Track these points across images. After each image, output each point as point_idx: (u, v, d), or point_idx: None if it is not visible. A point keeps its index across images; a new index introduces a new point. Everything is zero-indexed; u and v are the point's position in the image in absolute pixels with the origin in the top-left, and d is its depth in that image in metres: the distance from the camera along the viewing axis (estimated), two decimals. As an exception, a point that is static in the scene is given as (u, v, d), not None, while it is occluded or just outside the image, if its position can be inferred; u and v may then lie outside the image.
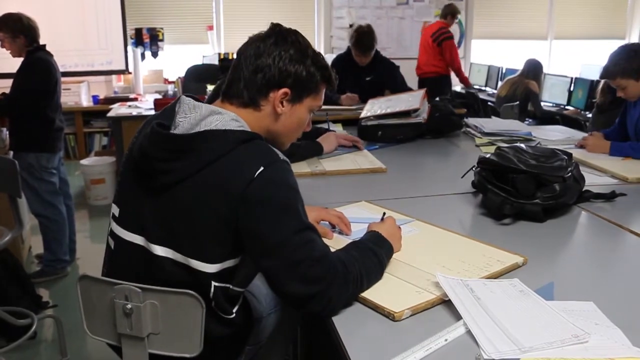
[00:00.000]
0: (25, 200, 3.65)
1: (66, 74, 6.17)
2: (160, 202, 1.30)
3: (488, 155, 2.03)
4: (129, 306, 1.31)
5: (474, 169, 2.07)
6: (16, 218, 2.71)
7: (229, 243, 1.27)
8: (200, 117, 1.29)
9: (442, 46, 6.34)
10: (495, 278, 1.42)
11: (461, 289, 1.30)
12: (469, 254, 1.54)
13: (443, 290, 1.29)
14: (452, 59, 6.37)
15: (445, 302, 1.29)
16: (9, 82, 3.53)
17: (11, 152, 3.58)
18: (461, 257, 1.52)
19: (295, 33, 1.42)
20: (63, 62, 6.15)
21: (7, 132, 3.66)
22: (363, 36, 4.09)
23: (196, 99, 1.37)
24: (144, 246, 1.34)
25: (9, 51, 3.53)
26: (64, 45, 6.25)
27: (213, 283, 1.28)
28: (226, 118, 1.30)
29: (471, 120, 3.36)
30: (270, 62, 1.36)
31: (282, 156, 1.30)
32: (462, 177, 2.15)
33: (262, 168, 1.23)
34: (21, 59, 3.54)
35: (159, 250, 1.30)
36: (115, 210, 1.44)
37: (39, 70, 3.51)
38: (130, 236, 1.37)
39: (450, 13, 6.48)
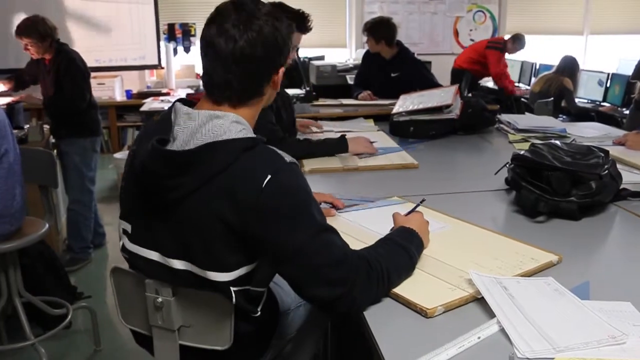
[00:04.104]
0: (60, 190, 3.76)
1: (100, 68, 6.32)
2: (171, 216, 1.27)
3: (522, 152, 2.00)
4: (160, 300, 1.33)
5: (507, 165, 2.05)
6: (47, 208, 2.77)
7: (243, 252, 1.25)
8: (198, 124, 1.23)
9: (485, 52, 6.33)
10: (529, 276, 1.40)
11: (494, 286, 1.28)
12: (502, 252, 1.53)
13: (476, 287, 1.28)
14: (496, 67, 6.36)
15: (478, 300, 1.27)
16: None
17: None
18: (494, 254, 1.51)
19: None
20: (97, 57, 6.31)
21: (41, 123, 3.77)
22: (375, 24, 4.10)
23: (192, 103, 1.34)
24: (161, 262, 1.31)
25: (31, 53, 3.63)
26: (98, 41, 6.38)
27: (232, 288, 1.27)
28: (227, 122, 1.25)
29: (504, 117, 3.32)
30: (262, 54, 1.28)
31: (288, 158, 1.27)
32: (495, 174, 2.12)
33: (269, 176, 1.20)
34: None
35: (178, 264, 1.29)
36: (126, 226, 1.39)
37: (79, 62, 3.67)
38: (145, 252, 1.35)
39: (516, 38, 6.50)
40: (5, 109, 3.69)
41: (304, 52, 5.39)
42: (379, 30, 4.08)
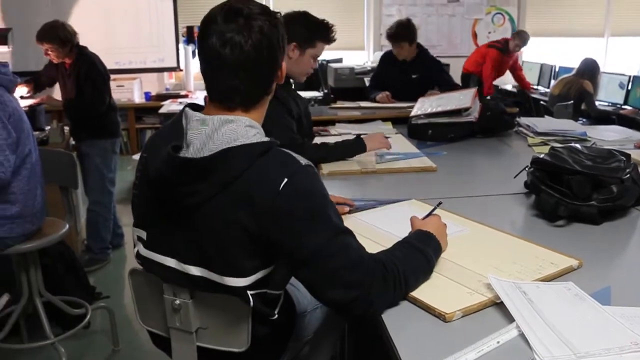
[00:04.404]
0: (79, 191, 3.80)
1: (120, 71, 6.38)
2: (187, 223, 1.27)
3: (542, 156, 1.98)
4: (177, 302, 1.34)
5: (527, 169, 2.03)
6: (67, 209, 2.80)
7: (260, 256, 1.25)
8: (211, 130, 1.23)
9: (485, 51, 6.41)
10: (548, 281, 1.39)
11: (514, 291, 1.27)
12: (522, 256, 1.51)
13: (495, 292, 1.27)
14: (487, 67, 6.40)
15: (497, 305, 1.26)
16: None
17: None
18: (513, 258, 1.49)
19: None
20: (117, 59, 6.37)
21: (61, 125, 3.82)
22: (395, 26, 4.09)
23: (202, 108, 1.34)
24: (177, 268, 1.31)
25: (51, 58, 3.68)
26: (118, 43, 6.44)
27: (249, 292, 1.27)
28: (240, 126, 1.25)
29: (523, 120, 3.29)
30: (267, 54, 1.27)
31: (304, 161, 1.26)
32: (514, 177, 2.11)
33: (286, 179, 1.20)
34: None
35: (194, 270, 1.29)
36: (140, 233, 1.39)
37: (100, 66, 3.72)
38: (161, 258, 1.34)
39: (517, 35, 6.52)
40: (27, 111, 3.76)
41: (322, 55, 5.38)
42: (409, 32, 4.07)
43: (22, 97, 3.98)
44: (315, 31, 2.45)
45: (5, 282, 2.77)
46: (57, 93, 3.98)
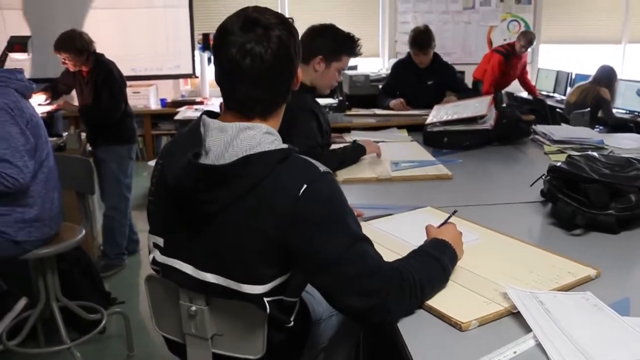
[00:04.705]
0: (96, 197, 3.84)
1: (136, 77, 6.43)
2: (206, 230, 1.27)
3: (559, 164, 1.97)
4: (194, 308, 1.34)
5: (543, 177, 2.02)
6: (83, 214, 2.83)
7: (278, 263, 1.26)
8: (231, 137, 1.24)
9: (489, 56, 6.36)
10: (566, 291, 1.37)
11: (530, 301, 1.26)
12: (538, 265, 1.50)
13: (511, 301, 1.26)
14: (490, 71, 6.34)
15: (514, 314, 1.26)
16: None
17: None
18: (530, 267, 1.48)
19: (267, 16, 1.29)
20: (133, 65, 6.43)
21: (78, 131, 3.86)
22: (419, 34, 4.09)
23: (217, 115, 1.35)
24: (193, 275, 1.32)
25: (69, 66, 3.73)
26: (134, 50, 6.50)
27: (265, 299, 1.27)
28: (259, 133, 1.25)
29: (540, 127, 3.27)
30: (286, 62, 1.29)
31: (322, 168, 1.27)
32: (531, 186, 2.10)
33: (305, 186, 1.20)
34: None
35: (210, 277, 1.29)
36: (157, 240, 1.40)
37: (116, 73, 3.76)
38: (178, 264, 1.35)
39: (522, 35, 6.42)
40: (45, 117, 3.81)
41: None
42: (432, 38, 4.07)
43: (40, 105, 4.03)
44: (342, 45, 2.48)
45: (23, 287, 2.80)
46: (74, 100, 4.02)
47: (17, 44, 3.97)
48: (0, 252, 2.37)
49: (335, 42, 2.46)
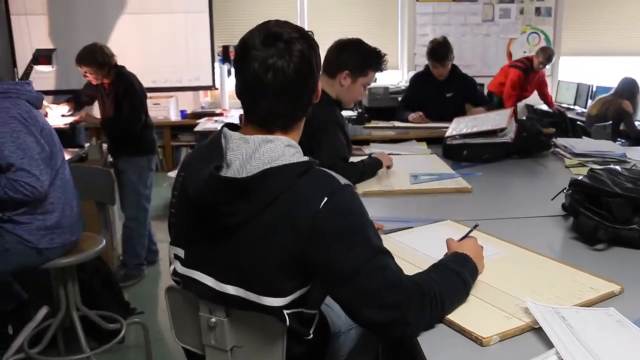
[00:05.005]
0: (116, 207, 3.87)
1: (157, 89, 6.50)
2: (227, 242, 1.28)
3: (580, 178, 1.95)
4: (213, 320, 1.35)
5: (565, 191, 2.00)
6: (103, 224, 2.86)
7: (299, 276, 1.26)
8: (252, 149, 1.24)
9: (507, 71, 6.28)
10: (588, 306, 1.36)
11: (552, 316, 1.25)
12: (560, 280, 1.49)
13: (533, 317, 1.25)
14: (509, 86, 6.26)
15: (535, 330, 1.24)
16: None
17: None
18: (551, 282, 1.47)
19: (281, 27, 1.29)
20: (154, 77, 6.50)
21: (100, 142, 3.92)
22: (437, 46, 4.08)
23: (238, 127, 1.35)
24: (214, 287, 1.32)
25: (90, 79, 3.79)
26: (155, 62, 6.58)
27: (285, 312, 1.27)
28: (280, 146, 1.26)
29: (560, 141, 3.25)
30: (307, 75, 1.30)
31: (343, 181, 1.27)
32: (552, 200, 2.08)
33: (325, 199, 1.21)
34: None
35: (231, 290, 1.29)
36: (178, 251, 1.40)
37: (137, 86, 3.80)
38: (198, 275, 1.35)
39: (541, 51, 6.33)
40: (67, 128, 3.88)
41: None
42: (451, 50, 4.07)
43: (63, 115, 4.10)
44: (368, 60, 2.49)
45: (42, 296, 2.83)
46: (96, 111, 4.08)
47: (42, 56, 4.05)
48: (23, 261, 2.41)
49: (361, 57, 2.47)
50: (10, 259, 2.38)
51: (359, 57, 2.46)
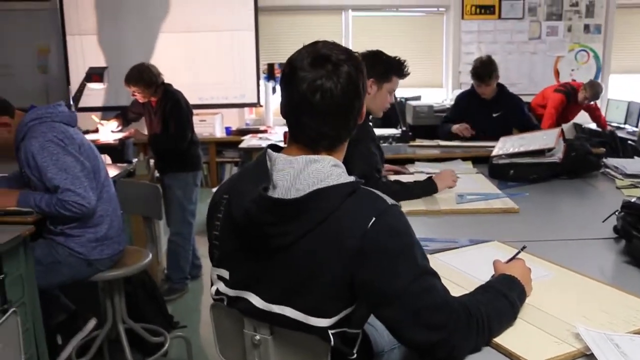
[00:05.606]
0: (162, 222, 3.95)
1: (203, 106, 6.63)
2: (274, 263, 1.27)
3: (633, 199, 1.89)
4: (257, 337, 1.35)
5: (617, 213, 1.95)
6: (149, 239, 2.91)
7: (345, 296, 1.25)
8: (298, 170, 1.25)
9: (550, 95, 6.00)
10: (643, 333, 1.31)
11: (605, 343, 1.21)
12: (613, 305, 1.44)
13: (584, 343, 1.21)
14: (547, 111, 5.84)
15: (587, 356, 1.21)
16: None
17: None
18: (604, 307, 1.42)
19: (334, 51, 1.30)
20: (201, 94, 6.64)
21: (147, 158, 4.01)
22: (480, 65, 4.03)
23: (281, 148, 1.36)
24: (259, 306, 1.31)
25: (138, 98, 3.89)
26: (202, 80, 6.71)
27: (329, 331, 1.26)
28: (326, 166, 1.26)
29: (611, 161, 3.17)
30: (354, 97, 1.30)
31: (390, 201, 1.27)
32: (603, 222, 2.02)
33: (373, 219, 1.20)
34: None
35: (277, 309, 1.29)
36: (222, 272, 1.40)
37: (184, 103, 3.89)
38: (244, 294, 1.35)
39: (589, 87, 5.93)
40: (117, 144, 3.99)
41: (400, 92, 5.40)
42: (495, 69, 4.03)
43: (112, 132, 4.22)
44: (390, 66, 2.57)
45: (89, 309, 2.89)
46: (143, 127, 4.19)
47: (95, 74, 4.18)
48: (74, 274, 2.48)
49: (383, 64, 2.55)
50: (62, 271, 2.45)
51: (381, 64, 2.54)
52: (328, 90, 1.25)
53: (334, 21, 7.23)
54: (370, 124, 2.72)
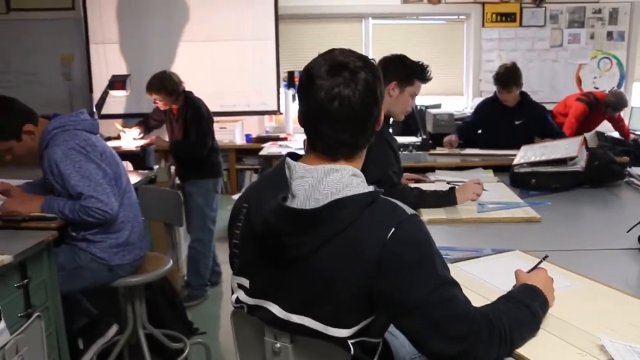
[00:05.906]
0: (182, 228, 3.98)
1: (224, 113, 6.67)
2: (293, 272, 1.27)
3: (658, 210, 1.87)
4: (278, 345, 1.35)
5: (641, 223, 1.92)
6: (170, 245, 2.93)
7: (365, 307, 1.25)
8: (317, 180, 1.25)
9: (572, 103, 5.92)
10: (669, 346, 1.29)
11: (631, 355, 1.19)
12: (638, 317, 1.42)
13: (609, 355, 1.19)
14: (570, 119, 5.77)
15: (612, 368, 1.19)
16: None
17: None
18: (629, 319, 1.40)
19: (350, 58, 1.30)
20: (222, 102, 6.68)
21: (168, 165, 4.05)
22: (504, 71, 4.02)
23: (300, 156, 1.36)
24: (279, 315, 1.31)
25: (159, 106, 3.95)
26: (224, 87, 6.76)
27: (349, 341, 1.26)
28: (346, 175, 1.26)
29: (635, 170, 3.13)
30: (372, 104, 1.30)
31: (409, 211, 1.26)
32: (627, 232, 2.00)
33: (393, 229, 1.20)
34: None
35: (296, 319, 1.29)
36: (242, 281, 1.40)
37: (204, 111, 3.94)
38: (264, 303, 1.35)
39: (614, 97, 5.88)
40: (138, 151, 4.03)
41: (420, 100, 5.39)
42: (519, 76, 4.01)
43: (134, 139, 4.26)
44: (413, 69, 2.59)
45: (112, 314, 2.92)
46: (164, 134, 4.23)
47: (118, 82, 4.23)
48: (96, 279, 2.50)
49: (406, 67, 2.57)
50: (84, 276, 2.48)
51: (403, 67, 2.56)
52: (346, 97, 1.25)
53: (354, 29, 7.24)
54: (390, 130, 2.71)
